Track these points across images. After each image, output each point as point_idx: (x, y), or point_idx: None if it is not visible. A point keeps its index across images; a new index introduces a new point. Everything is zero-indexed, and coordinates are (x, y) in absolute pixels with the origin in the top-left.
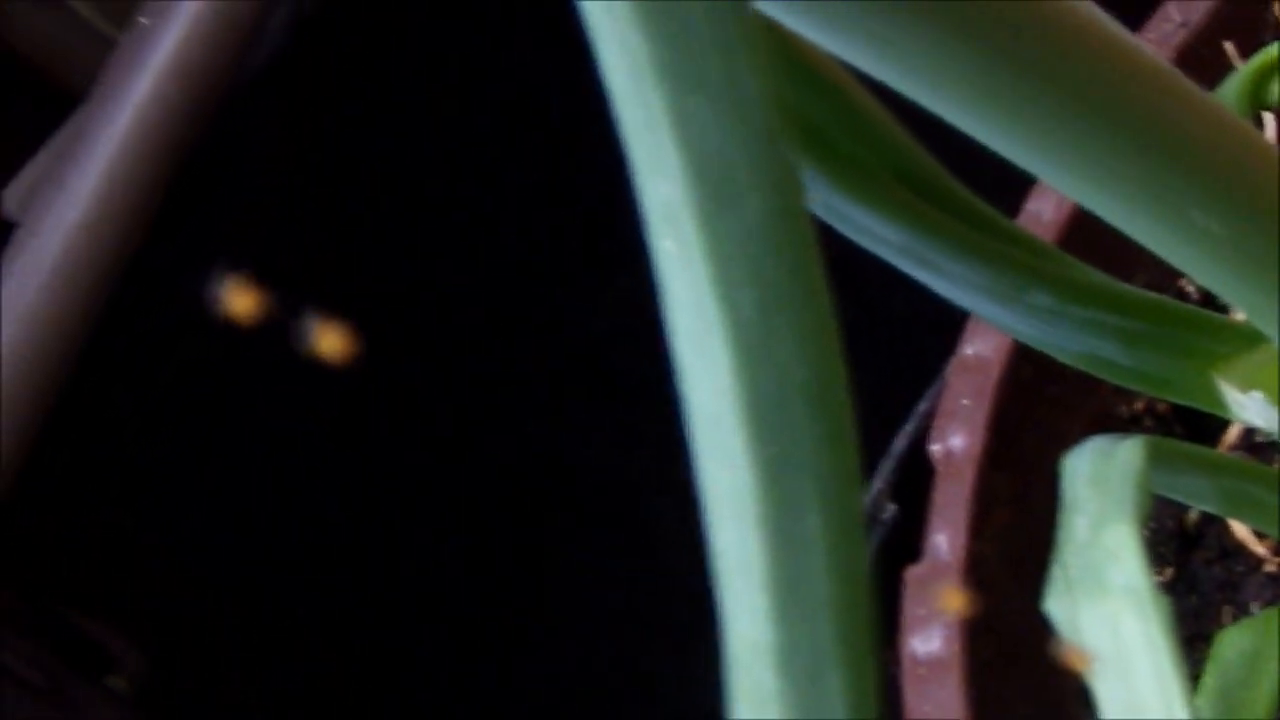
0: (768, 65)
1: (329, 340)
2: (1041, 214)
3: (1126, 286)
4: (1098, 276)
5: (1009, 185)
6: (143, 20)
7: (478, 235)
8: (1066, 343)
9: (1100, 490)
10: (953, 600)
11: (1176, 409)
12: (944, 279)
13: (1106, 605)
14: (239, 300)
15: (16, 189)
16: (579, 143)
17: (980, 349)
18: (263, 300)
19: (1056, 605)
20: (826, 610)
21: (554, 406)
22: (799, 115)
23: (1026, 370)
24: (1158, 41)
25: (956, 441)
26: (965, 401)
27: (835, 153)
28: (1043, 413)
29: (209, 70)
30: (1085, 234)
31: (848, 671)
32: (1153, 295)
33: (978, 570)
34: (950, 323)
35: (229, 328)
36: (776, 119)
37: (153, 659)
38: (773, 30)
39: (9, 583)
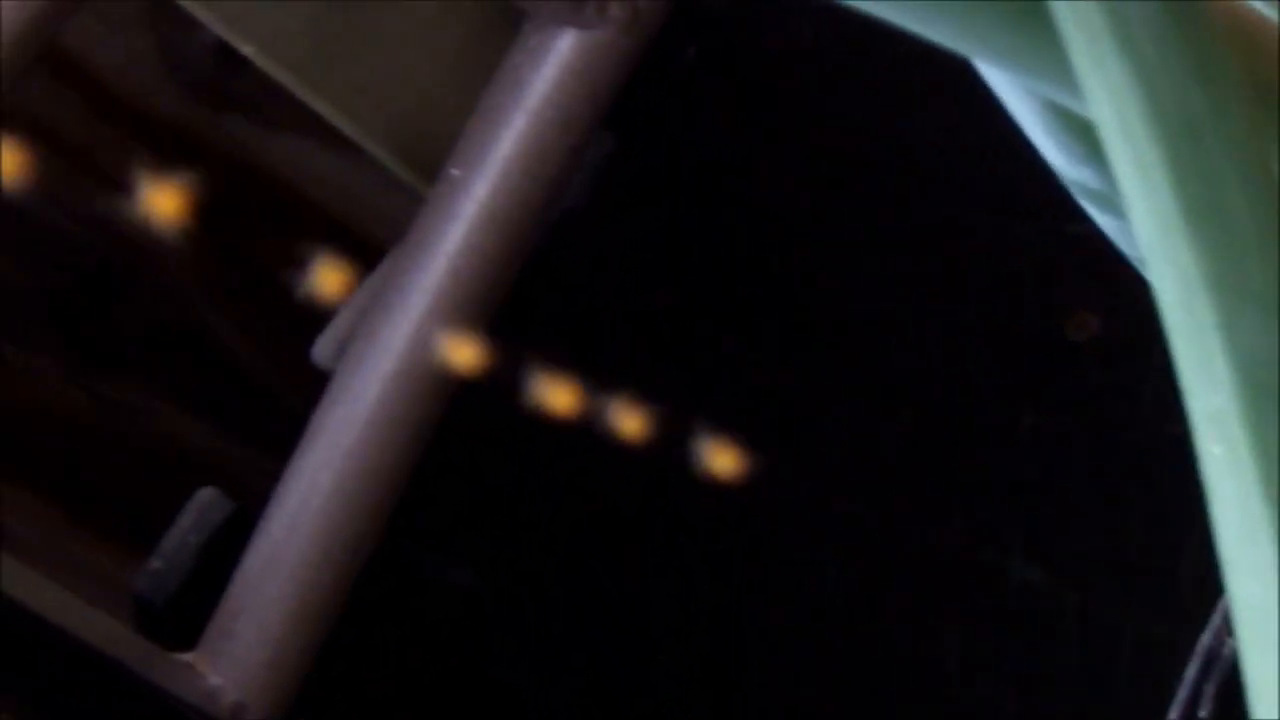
0: None
1: (721, 459)
2: None
3: None
4: None
5: None
6: (454, 172)
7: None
8: None
9: None
10: None
11: None
12: None
13: None
14: (628, 420)
15: (327, 340)
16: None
17: None
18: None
19: None
20: None
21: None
22: None
23: None
24: None
25: None
26: None
27: None
28: None
29: (521, 218)
30: None
31: None
32: None
33: None
34: None
35: (559, 475)
36: None
37: None
38: None
39: None
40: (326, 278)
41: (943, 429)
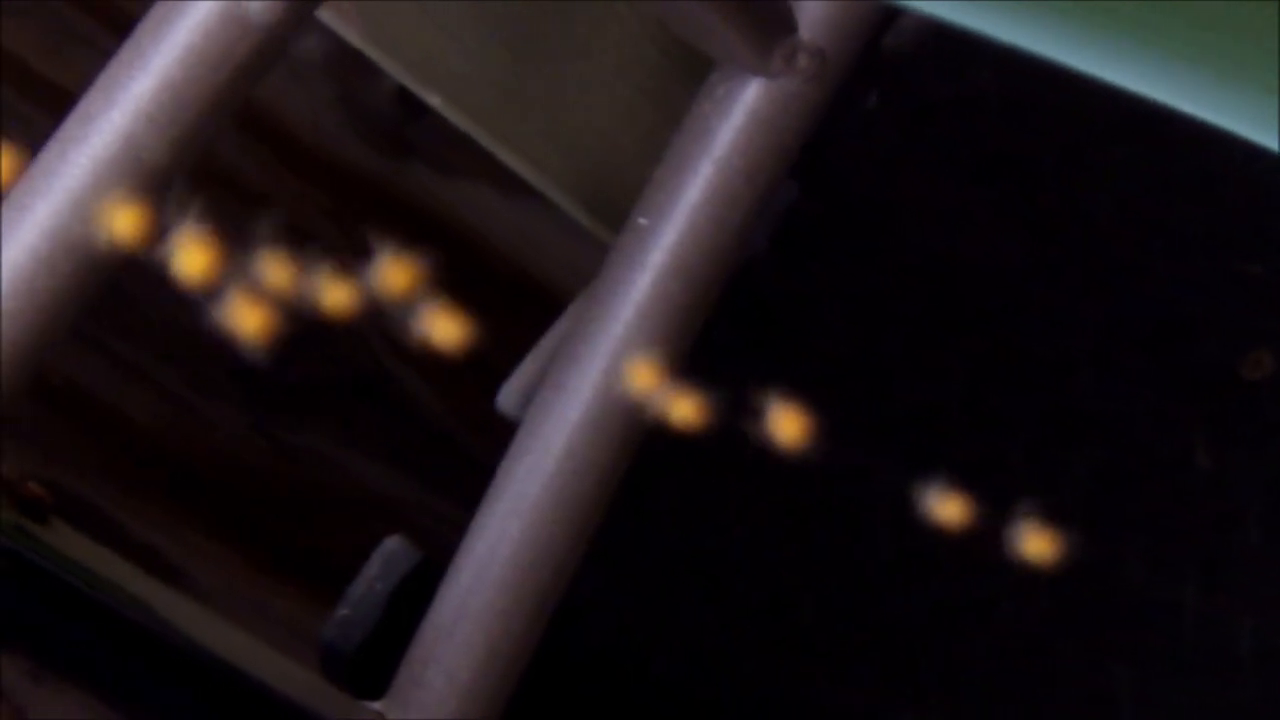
0: None
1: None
2: None
3: None
4: None
5: None
6: (641, 220)
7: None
8: None
9: None
10: None
11: None
12: None
13: None
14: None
15: (512, 389)
16: None
17: None
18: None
19: None
20: None
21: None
22: None
23: None
24: None
25: None
26: None
27: None
28: None
29: (708, 267)
30: None
31: None
32: None
33: None
34: None
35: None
36: None
37: None
38: None
39: None
40: (510, 325)
41: (1117, 467)
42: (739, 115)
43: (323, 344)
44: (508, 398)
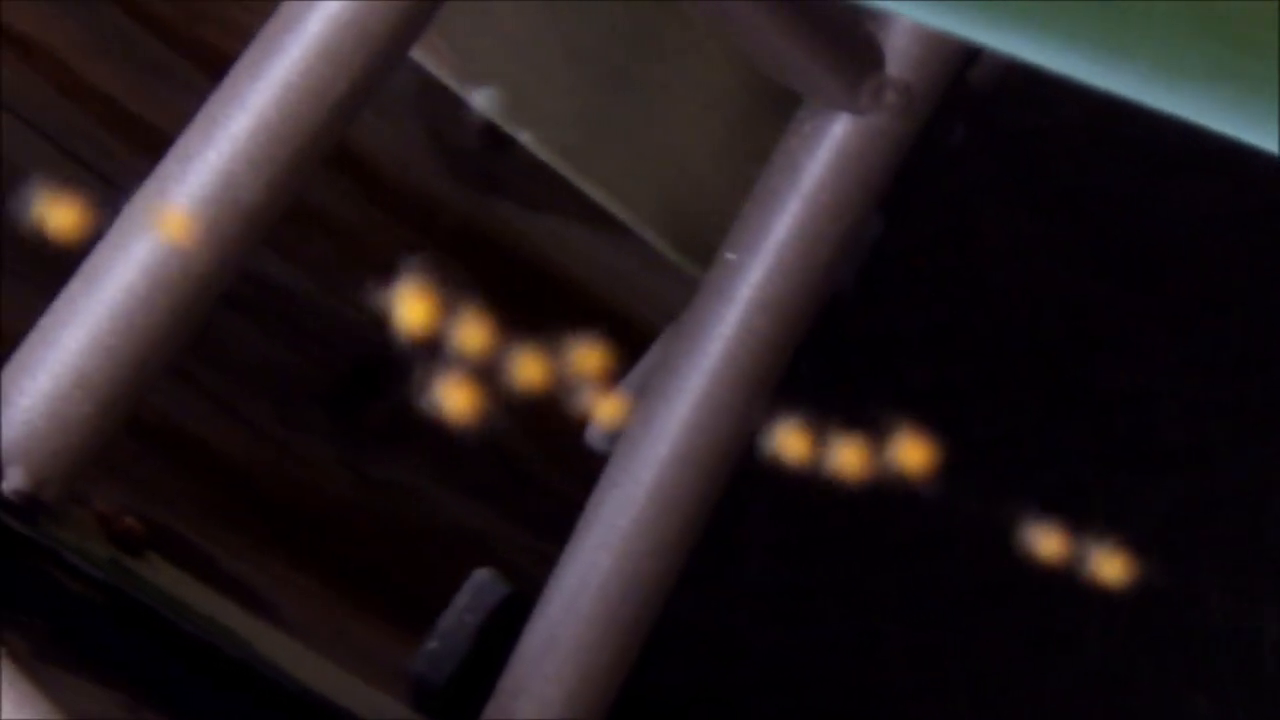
0: None
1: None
2: None
3: None
4: None
5: None
6: (729, 256)
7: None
8: None
9: None
10: None
11: None
12: None
13: None
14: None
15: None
16: None
17: None
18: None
19: None
20: None
21: None
22: None
23: None
24: None
25: None
26: None
27: None
28: None
29: (796, 302)
30: None
31: None
32: None
33: None
34: None
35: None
36: None
37: None
38: None
39: None
40: (597, 359)
41: (1196, 497)
42: (826, 151)
43: (411, 377)
44: (596, 432)
